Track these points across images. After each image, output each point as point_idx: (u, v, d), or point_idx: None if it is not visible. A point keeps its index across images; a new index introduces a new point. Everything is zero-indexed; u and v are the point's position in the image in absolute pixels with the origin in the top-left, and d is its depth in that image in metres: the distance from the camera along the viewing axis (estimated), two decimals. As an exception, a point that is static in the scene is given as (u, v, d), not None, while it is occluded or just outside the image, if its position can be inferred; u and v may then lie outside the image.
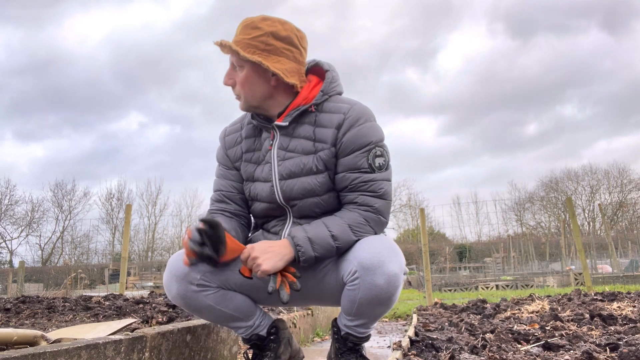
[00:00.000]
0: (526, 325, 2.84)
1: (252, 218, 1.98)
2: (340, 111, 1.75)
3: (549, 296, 5.08)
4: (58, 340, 1.87)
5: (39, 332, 1.87)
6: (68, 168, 46.50)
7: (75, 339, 1.77)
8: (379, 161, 1.71)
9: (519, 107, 49.93)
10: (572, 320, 2.90)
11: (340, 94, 1.84)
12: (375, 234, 1.72)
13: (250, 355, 1.89)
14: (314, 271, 1.76)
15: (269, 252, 1.62)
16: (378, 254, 1.59)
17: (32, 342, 1.82)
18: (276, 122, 1.79)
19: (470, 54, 52.62)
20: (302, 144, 1.76)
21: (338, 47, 50.05)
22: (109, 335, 1.91)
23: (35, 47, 44.80)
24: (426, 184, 49.33)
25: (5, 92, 43.97)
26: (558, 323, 2.76)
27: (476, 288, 12.26)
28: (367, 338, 1.80)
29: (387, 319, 5.54)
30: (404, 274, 1.64)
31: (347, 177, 1.72)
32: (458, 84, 51.18)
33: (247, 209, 1.94)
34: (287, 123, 1.77)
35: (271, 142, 1.81)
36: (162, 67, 48.39)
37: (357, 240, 1.68)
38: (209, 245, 1.59)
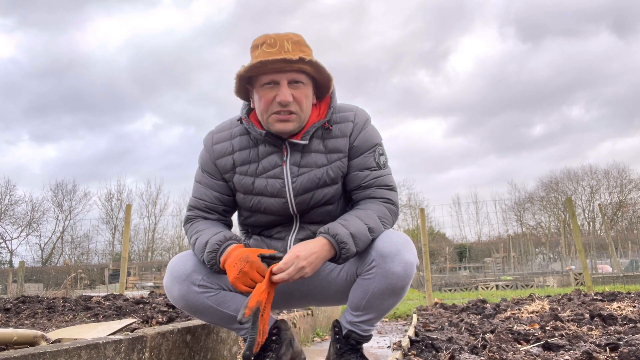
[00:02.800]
0: (526, 325, 2.84)
1: (231, 222, 1.97)
2: (347, 120, 1.80)
3: (549, 296, 5.08)
4: (58, 340, 1.86)
5: (39, 332, 1.87)
6: (80, 169, 46.45)
7: (75, 339, 1.77)
8: (382, 159, 1.81)
9: (527, 108, 49.76)
10: (572, 320, 2.89)
11: None
12: (393, 223, 1.79)
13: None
14: (318, 269, 1.76)
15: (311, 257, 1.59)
16: (395, 244, 1.65)
17: (32, 342, 1.82)
18: (293, 140, 1.75)
19: (481, 56, 52.48)
20: (315, 158, 1.77)
21: (350, 50, 49.97)
22: (109, 335, 1.90)
23: (57, 50, 44.73)
24: (431, 184, 48.87)
25: (24, 94, 44.15)
26: (558, 323, 2.75)
27: (476, 288, 12.24)
28: (369, 338, 1.80)
29: (387, 319, 5.54)
30: (416, 265, 1.69)
31: (358, 175, 1.78)
32: (468, 86, 50.93)
33: (228, 217, 1.94)
34: (306, 141, 1.76)
35: (284, 158, 1.78)
36: (178, 70, 48.25)
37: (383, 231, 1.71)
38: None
